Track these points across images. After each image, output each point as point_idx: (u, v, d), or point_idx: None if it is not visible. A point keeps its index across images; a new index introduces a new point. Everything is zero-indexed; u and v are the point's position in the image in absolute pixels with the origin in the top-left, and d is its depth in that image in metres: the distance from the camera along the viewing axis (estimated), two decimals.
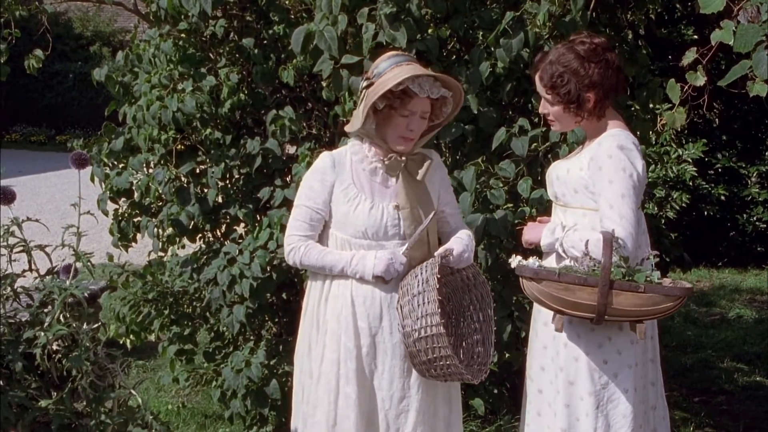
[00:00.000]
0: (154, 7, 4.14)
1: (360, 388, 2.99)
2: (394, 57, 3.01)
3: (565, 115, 2.95)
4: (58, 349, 2.52)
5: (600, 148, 2.86)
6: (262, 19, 4.25)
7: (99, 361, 2.55)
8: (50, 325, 2.48)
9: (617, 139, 2.86)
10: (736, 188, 9.03)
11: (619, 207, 2.80)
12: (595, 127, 2.97)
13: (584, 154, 2.93)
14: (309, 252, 3.07)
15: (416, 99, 2.96)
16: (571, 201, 2.95)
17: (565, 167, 2.98)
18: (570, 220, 2.94)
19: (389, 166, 3.04)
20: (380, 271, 2.97)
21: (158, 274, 4.43)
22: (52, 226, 2.82)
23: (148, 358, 5.67)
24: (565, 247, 2.87)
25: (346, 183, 3.05)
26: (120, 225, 4.42)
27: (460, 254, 3.05)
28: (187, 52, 4.15)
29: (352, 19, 3.51)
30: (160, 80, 4.04)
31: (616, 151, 2.83)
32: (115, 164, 4.38)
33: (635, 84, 4.00)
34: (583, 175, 2.88)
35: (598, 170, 2.84)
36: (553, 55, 2.93)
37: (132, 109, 4.10)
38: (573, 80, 2.87)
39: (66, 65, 20.69)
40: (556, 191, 3.01)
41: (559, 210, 3.02)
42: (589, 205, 2.89)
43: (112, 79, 4.36)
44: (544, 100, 2.97)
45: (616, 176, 2.82)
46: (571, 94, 2.88)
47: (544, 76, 2.92)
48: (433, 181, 3.14)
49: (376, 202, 3.04)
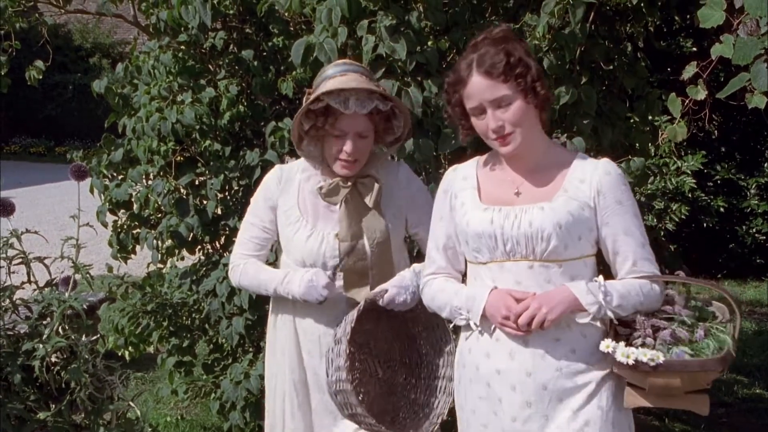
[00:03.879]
0: (153, 19, 4.14)
1: (301, 424, 2.87)
2: (333, 68, 2.77)
3: (527, 113, 2.41)
4: (56, 361, 2.52)
5: (608, 177, 2.42)
6: (262, 31, 4.26)
7: (98, 373, 2.55)
8: (49, 337, 2.48)
9: (614, 167, 2.48)
10: (735, 200, 9.03)
11: (647, 243, 2.46)
12: (543, 144, 2.52)
13: (574, 187, 2.43)
14: (246, 269, 2.87)
15: (345, 117, 2.68)
16: (572, 252, 2.42)
17: (563, 210, 2.40)
18: (560, 279, 2.40)
19: (328, 192, 2.76)
20: (300, 294, 2.72)
21: (157, 285, 4.42)
22: (51, 238, 2.82)
23: (147, 369, 5.66)
24: (612, 308, 2.37)
25: (290, 203, 2.82)
26: (119, 236, 4.41)
27: (392, 298, 2.70)
28: (187, 63, 4.15)
29: (351, 31, 3.52)
30: (160, 92, 4.04)
31: (624, 179, 2.47)
32: (114, 176, 4.38)
33: (634, 96, 4.01)
34: (587, 214, 2.41)
35: (617, 205, 2.41)
36: (493, 43, 2.43)
37: (131, 120, 4.10)
38: (531, 63, 2.42)
39: (65, 77, 20.71)
40: (549, 246, 2.39)
41: (537, 271, 2.41)
42: (589, 251, 2.46)
43: (112, 91, 4.36)
44: (493, 103, 2.40)
45: (636, 208, 2.46)
46: (527, 80, 2.39)
47: (496, 63, 2.38)
48: (393, 205, 2.84)
49: (317, 228, 2.78)
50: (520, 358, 2.42)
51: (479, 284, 2.50)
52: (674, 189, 8.42)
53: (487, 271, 2.48)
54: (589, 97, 3.55)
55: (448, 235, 2.59)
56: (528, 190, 2.48)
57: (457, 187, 2.57)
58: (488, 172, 2.57)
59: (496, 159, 2.57)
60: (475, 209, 2.49)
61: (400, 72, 3.42)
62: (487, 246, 2.45)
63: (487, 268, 2.48)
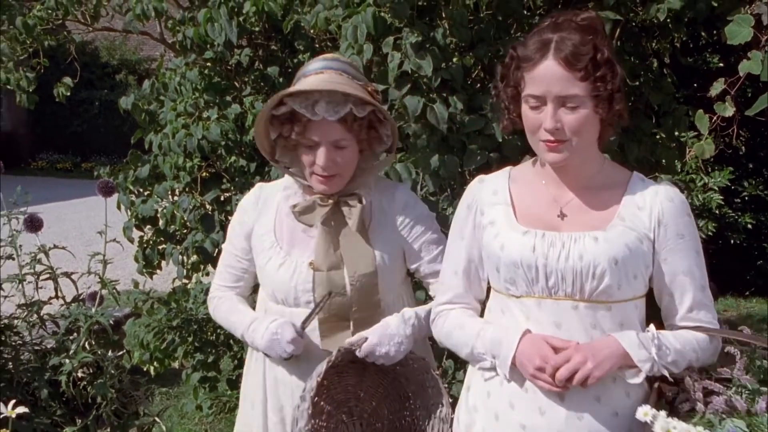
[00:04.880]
0: (180, 37, 4.17)
1: None
2: (314, 63, 2.35)
3: (591, 123, 2.01)
4: (83, 376, 2.53)
5: (670, 204, 2.06)
6: (287, 47, 4.28)
7: (123, 388, 2.56)
8: (76, 352, 2.49)
9: (677, 192, 2.11)
10: (763, 216, 8.94)
11: (707, 287, 2.12)
12: (596, 164, 2.12)
13: (631, 214, 2.05)
14: (219, 306, 2.50)
15: (314, 124, 2.23)
16: (625, 292, 2.03)
17: (620, 243, 2.01)
18: (608, 324, 2.03)
19: (303, 210, 2.30)
20: (263, 347, 2.31)
21: (182, 301, 4.44)
22: (78, 253, 2.83)
23: (172, 385, 5.67)
24: (666, 364, 2.00)
25: (266, 228, 2.39)
26: (145, 252, 4.43)
27: (372, 348, 2.24)
28: (213, 80, 4.17)
29: (377, 48, 3.52)
30: (186, 108, 4.07)
31: (688, 208, 2.09)
32: (140, 192, 4.41)
33: (660, 112, 3.98)
34: (645, 248, 2.04)
35: (678, 239, 2.05)
36: (580, 30, 1.99)
37: (158, 137, 4.13)
38: (618, 70, 2.00)
39: (92, 93, 20.91)
40: (601, 284, 2.01)
41: (583, 313, 2.02)
42: (641, 292, 2.09)
43: (139, 107, 4.39)
44: (560, 100, 1.97)
45: (698, 244, 2.10)
46: (608, 87, 1.97)
47: (581, 54, 1.94)
48: (386, 232, 2.36)
49: (292, 256, 2.33)
50: (551, 416, 2.02)
51: (509, 322, 2.09)
52: (701, 205, 8.35)
53: (520, 306, 2.07)
54: None
55: (470, 258, 2.18)
56: (575, 214, 2.07)
57: (485, 201, 2.15)
58: (524, 187, 2.15)
59: (534, 171, 2.16)
60: (512, 231, 2.07)
61: (425, 88, 3.42)
62: (525, 278, 2.04)
63: (521, 303, 2.07)
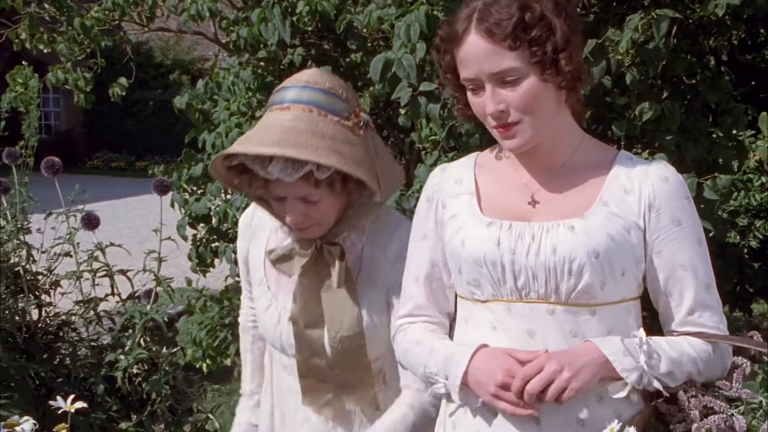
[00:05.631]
0: (233, 36, 4.21)
1: None
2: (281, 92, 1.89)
3: (542, 95, 1.63)
4: (138, 372, 2.56)
5: (664, 185, 1.68)
6: (339, 47, 4.29)
7: (177, 384, 2.58)
8: (131, 349, 2.52)
9: (673, 171, 1.72)
10: None
11: (713, 285, 1.72)
12: (572, 139, 1.75)
13: (617, 198, 1.68)
14: (243, 343, 2.26)
15: (274, 181, 1.84)
16: (611, 292, 1.65)
17: (602, 232, 1.64)
18: (593, 331, 1.65)
19: (279, 259, 1.96)
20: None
21: (235, 299, 4.48)
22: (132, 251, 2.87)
23: (224, 382, 5.72)
24: (658, 376, 1.62)
25: (257, 258, 2.07)
26: (198, 250, 4.48)
27: None
28: (266, 80, 4.20)
29: (430, 47, 3.51)
30: (239, 107, 4.10)
31: (686, 191, 1.72)
32: (194, 190, 4.45)
33: (718, 110, 3.91)
34: (634, 239, 1.66)
35: (674, 226, 1.67)
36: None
37: (211, 136, 4.17)
38: (556, 24, 1.62)
39: (146, 93, 21.23)
40: (580, 283, 1.63)
41: (560, 318, 1.65)
42: (634, 293, 1.71)
43: (193, 107, 4.44)
44: (494, 78, 1.62)
45: (700, 233, 1.71)
46: (547, 49, 1.60)
47: (501, 20, 1.59)
48: (378, 285, 1.95)
49: (278, 300, 2.01)
50: None
51: (473, 332, 1.73)
52: (758, 205, 8.21)
53: (487, 312, 1.70)
54: (672, 113, 3.48)
55: (433, 261, 1.81)
56: (549, 201, 1.71)
57: (447, 192, 1.79)
58: (492, 174, 1.79)
59: (504, 155, 1.80)
60: (475, 224, 1.72)
61: None
62: (490, 278, 1.68)
63: (488, 309, 1.70)
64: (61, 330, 2.58)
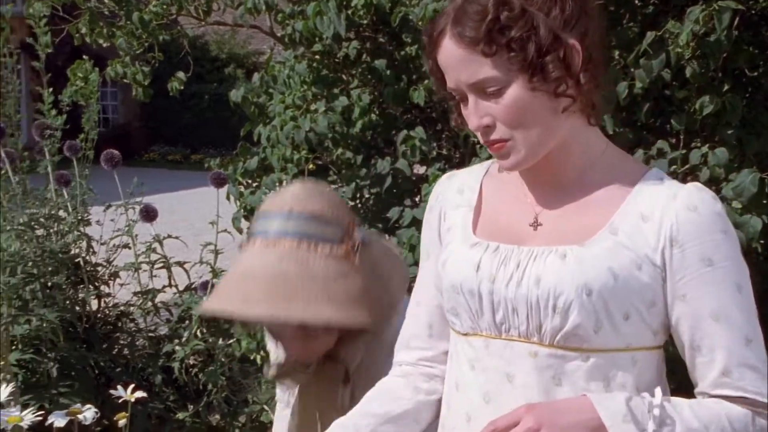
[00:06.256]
0: (289, 30, 4.22)
1: None
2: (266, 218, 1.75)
3: (532, 105, 1.35)
4: (194, 363, 2.59)
5: (692, 215, 1.34)
6: (394, 40, 4.28)
7: (233, 376, 2.60)
8: (188, 340, 2.55)
9: (708, 198, 1.37)
10: None
11: (757, 339, 1.35)
12: (586, 153, 1.44)
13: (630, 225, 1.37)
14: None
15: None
16: (607, 338, 1.35)
17: (601, 264, 1.34)
18: (584, 383, 1.35)
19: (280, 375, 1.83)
20: None
21: None
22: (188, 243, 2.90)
23: None
24: None
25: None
26: None
27: None
28: (321, 73, 4.21)
29: None
30: (294, 101, 4.12)
31: (725, 223, 1.37)
32: (249, 183, 4.48)
33: None
34: (645, 277, 1.35)
35: (704, 266, 1.33)
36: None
37: (266, 129, 4.19)
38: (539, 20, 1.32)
39: (202, 87, 21.45)
40: (567, 323, 1.34)
41: (543, 363, 1.36)
42: (647, 341, 1.38)
43: (248, 100, 4.46)
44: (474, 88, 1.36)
45: (741, 275, 1.36)
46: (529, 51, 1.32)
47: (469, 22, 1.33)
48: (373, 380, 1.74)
49: (285, 398, 1.93)
50: None
51: (455, 367, 1.49)
52: None
53: (467, 348, 1.45)
54: (733, 106, 3.41)
55: (437, 284, 1.53)
56: (553, 222, 1.43)
57: (449, 202, 1.55)
58: (499, 186, 1.52)
59: None
60: (460, 243, 1.47)
61: None
62: (467, 308, 1.43)
63: (468, 344, 1.45)
64: (120, 320, 2.62)
